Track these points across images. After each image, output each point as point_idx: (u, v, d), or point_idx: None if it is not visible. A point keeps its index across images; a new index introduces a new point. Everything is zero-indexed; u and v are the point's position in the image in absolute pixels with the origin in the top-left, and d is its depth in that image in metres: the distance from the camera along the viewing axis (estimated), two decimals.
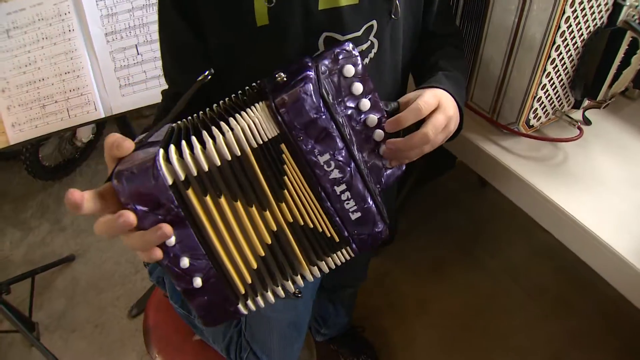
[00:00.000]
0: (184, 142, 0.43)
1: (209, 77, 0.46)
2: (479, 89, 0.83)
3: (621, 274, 0.66)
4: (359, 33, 0.60)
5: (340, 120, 0.49)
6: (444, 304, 1.55)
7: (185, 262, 0.44)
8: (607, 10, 0.76)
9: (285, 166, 0.48)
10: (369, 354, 1.38)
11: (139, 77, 1.05)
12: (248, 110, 0.47)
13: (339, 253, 0.53)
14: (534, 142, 0.81)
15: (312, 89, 0.45)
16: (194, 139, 0.44)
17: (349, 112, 0.51)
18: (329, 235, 0.51)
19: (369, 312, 1.53)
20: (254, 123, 0.46)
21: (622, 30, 0.77)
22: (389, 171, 0.56)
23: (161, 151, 0.42)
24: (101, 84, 1.04)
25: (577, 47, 0.75)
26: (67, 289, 1.74)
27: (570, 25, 0.70)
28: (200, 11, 0.59)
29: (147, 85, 1.05)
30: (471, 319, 1.50)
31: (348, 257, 0.54)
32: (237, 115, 0.46)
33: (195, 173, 0.43)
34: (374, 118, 0.52)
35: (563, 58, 0.74)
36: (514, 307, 1.51)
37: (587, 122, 0.88)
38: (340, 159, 0.48)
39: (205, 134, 0.44)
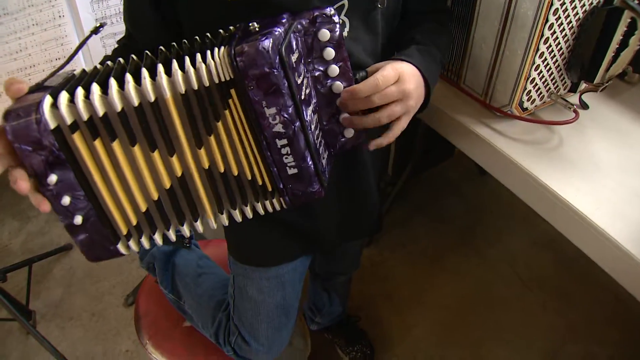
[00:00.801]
0: (79, 88, 0.45)
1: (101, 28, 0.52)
2: (471, 71, 0.81)
3: (616, 260, 0.64)
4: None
5: (299, 80, 0.50)
6: (441, 294, 1.53)
7: (66, 200, 0.47)
8: None
9: (227, 111, 0.49)
10: (364, 343, 1.37)
11: None
12: (206, 53, 0.48)
13: (272, 201, 0.56)
14: (528, 125, 0.79)
15: (270, 44, 0.46)
16: (95, 86, 0.45)
17: (317, 74, 0.53)
18: (260, 182, 0.54)
19: (364, 301, 1.52)
20: (208, 66, 0.47)
21: (620, 10, 0.74)
22: (343, 139, 0.58)
23: (47, 97, 0.44)
24: None
25: (572, 27, 0.73)
26: (64, 277, 1.74)
27: (564, 3, 0.68)
28: None
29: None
30: (468, 309, 1.49)
31: (279, 208, 0.56)
32: (186, 58, 0.48)
33: (85, 118, 0.45)
34: (340, 85, 0.55)
35: (557, 38, 0.72)
36: (512, 298, 1.50)
37: (584, 106, 0.86)
38: (286, 115, 0.49)
39: (112, 80, 0.46)
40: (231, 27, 0.53)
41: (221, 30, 0.53)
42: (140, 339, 1.06)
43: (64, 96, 0.44)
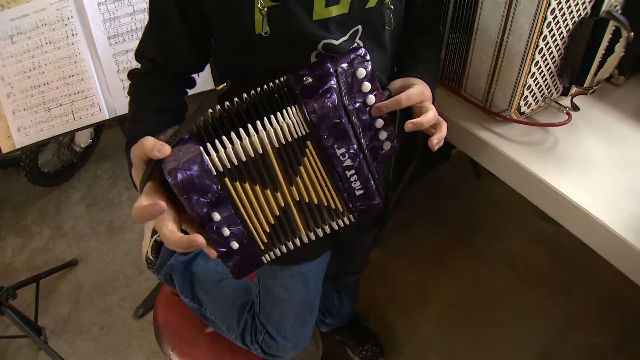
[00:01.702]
0: (217, 141, 0.55)
1: (227, 87, 0.59)
2: (472, 80, 0.87)
3: (613, 247, 0.70)
4: (346, 38, 0.66)
5: (353, 118, 0.60)
6: (444, 294, 1.58)
7: (226, 231, 0.56)
8: (590, 1, 0.79)
9: (305, 158, 0.60)
10: (374, 343, 1.41)
11: None
12: (284, 113, 0.58)
13: (344, 219, 0.66)
14: (526, 128, 0.85)
15: (336, 100, 0.57)
16: (224, 138, 0.55)
17: (357, 105, 0.62)
18: (334, 207, 0.64)
19: (372, 303, 1.56)
20: (287, 125, 0.57)
21: (605, 20, 0.81)
22: (384, 151, 0.68)
23: (201, 148, 0.53)
24: (105, 86, 1.07)
25: (563, 37, 0.79)
26: (72, 292, 1.76)
27: (555, 17, 0.74)
28: (207, 15, 0.64)
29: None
30: (471, 307, 1.54)
31: (349, 223, 0.66)
32: (272, 117, 0.57)
33: (228, 166, 0.56)
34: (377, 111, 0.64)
35: (550, 48, 0.78)
36: (512, 294, 1.56)
37: (575, 108, 0.92)
38: (352, 151, 0.60)
39: (233, 134, 0.56)
40: (282, 79, 0.61)
41: (275, 82, 0.61)
42: (163, 350, 1.09)
43: (211, 148, 0.55)
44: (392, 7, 0.68)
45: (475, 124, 0.86)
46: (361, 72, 0.61)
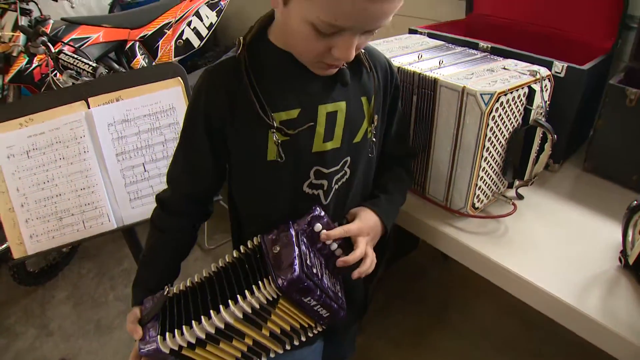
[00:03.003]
0: (177, 331, 0.72)
1: (168, 294, 0.80)
2: (433, 184, 1.05)
3: (559, 309, 0.84)
4: (338, 167, 0.82)
5: (315, 270, 0.74)
6: None
7: None
8: (521, 114, 1.00)
9: (276, 309, 0.74)
10: None
11: (146, 191, 1.20)
12: (256, 289, 0.72)
13: (314, 331, 0.83)
14: (481, 220, 1.02)
15: (298, 271, 0.70)
16: (184, 327, 0.73)
17: (319, 245, 0.79)
18: (306, 325, 0.81)
19: None
20: (259, 297, 0.71)
21: (534, 128, 1.01)
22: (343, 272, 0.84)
23: (159, 338, 0.73)
24: (113, 198, 1.18)
25: (502, 144, 0.98)
26: None
27: (494, 131, 0.93)
28: (228, 143, 0.80)
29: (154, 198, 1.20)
30: None
31: (320, 330, 0.83)
32: (247, 292, 0.72)
33: (186, 345, 0.73)
34: (335, 245, 0.82)
35: (493, 155, 0.97)
36: None
37: (519, 197, 1.10)
38: (317, 296, 0.74)
39: (194, 322, 0.72)
40: (256, 240, 0.79)
41: (248, 244, 0.80)
42: None
43: (168, 337, 0.72)
44: (374, 139, 0.86)
45: (439, 221, 1.03)
46: (318, 227, 0.78)
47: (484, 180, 0.98)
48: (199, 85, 0.78)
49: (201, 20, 2.09)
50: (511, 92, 0.92)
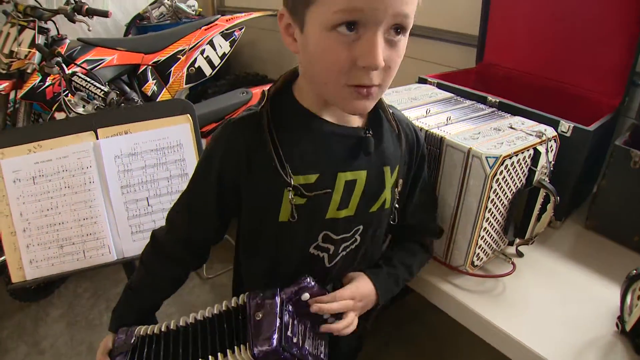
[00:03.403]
0: None
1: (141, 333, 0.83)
2: (435, 242, 1.05)
3: None
4: (349, 235, 0.81)
5: (296, 339, 0.74)
6: None
7: None
8: (525, 174, 1.00)
9: None
10: None
11: (148, 226, 1.20)
12: (230, 353, 0.72)
13: None
14: (479, 279, 1.02)
15: (278, 346, 0.70)
16: None
17: (305, 309, 0.77)
18: None
19: None
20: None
21: (537, 189, 1.02)
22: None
23: None
24: (115, 230, 1.18)
25: (505, 205, 0.99)
26: None
27: (497, 193, 0.93)
28: (242, 197, 0.78)
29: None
30: None
31: None
32: (220, 355, 0.73)
33: None
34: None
35: (495, 215, 0.97)
36: None
37: (519, 254, 1.10)
38: None
39: None
40: (242, 299, 0.79)
41: (232, 302, 0.80)
42: None
43: None
44: (396, 206, 0.84)
45: (437, 277, 1.03)
46: (306, 296, 0.77)
47: (485, 239, 0.99)
48: (219, 136, 0.77)
49: (214, 49, 2.13)
50: (516, 155, 0.93)
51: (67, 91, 1.66)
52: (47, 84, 1.82)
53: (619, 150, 1.14)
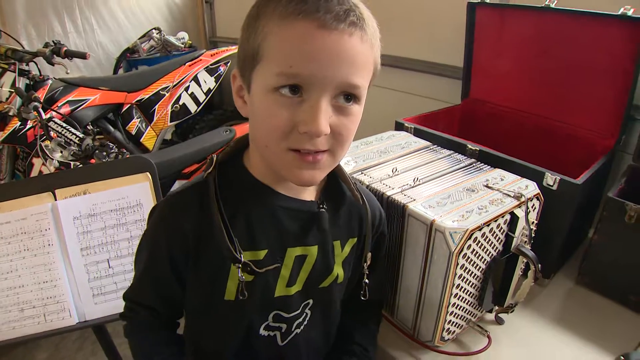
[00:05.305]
0: None
1: None
2: (402, 310, 0.97)
3: None
4: (299, 311, 0.75)
5: None
6: None
7: None
8: (501, 242, 0.92)
9: None
10: None
11: (110, 288, 1.15)
12: None
13: None
14: (450, 356, 0.93)
15: None
16: None
17: None
18: None
19: None
20: None
21: (515, 256, 0.93)
22: None
23: None
24: (76, 293, 1.14)
25: (478, 276, 0.90)
26: None
27: (466, 268, 0.85)
28: (188, 273, 0.72)
29: (118, 295, 1.14)
30: None
31: None
32: None
33: None
34: None
35: (466, 288, 0.88)
36: None
37: (500, 321, 1.02)
38: None
39: None
40: None
41: None
42: None
43: None
44: (366, 281, 0.78)
45: (404, 352, 0.94)
46: None
47: (455, 313, 0.90)
48: (159, 219, 0.71)
49: (199, 85, 2.09)
50: (488, 225, 0.85)
51: (45, 137, 1.63)
52: (27, 127, 1.80)
53: (613, 202, 1.06)
